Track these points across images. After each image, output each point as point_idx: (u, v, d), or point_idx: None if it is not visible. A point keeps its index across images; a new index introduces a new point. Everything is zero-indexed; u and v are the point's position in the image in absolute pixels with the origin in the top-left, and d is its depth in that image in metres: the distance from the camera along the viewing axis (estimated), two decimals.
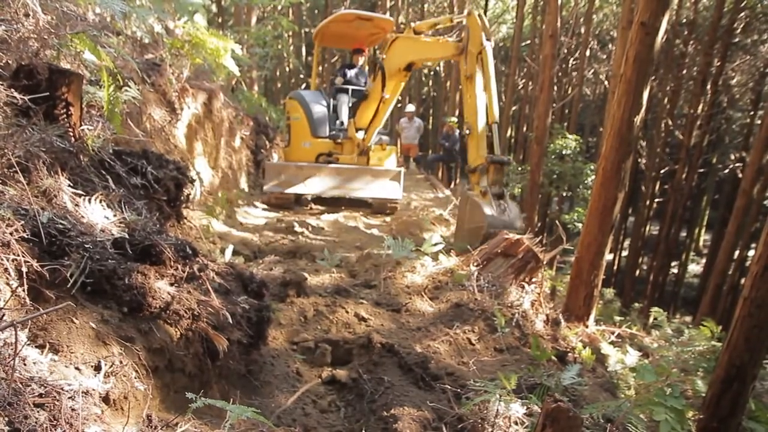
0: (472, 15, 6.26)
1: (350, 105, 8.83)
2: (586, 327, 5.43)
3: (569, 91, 20.05)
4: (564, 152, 13.30)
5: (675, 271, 20.60)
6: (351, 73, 9.44)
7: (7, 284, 1.65)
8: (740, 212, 11.19)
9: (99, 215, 2.40)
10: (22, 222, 1.83)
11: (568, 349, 3.98)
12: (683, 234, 21.08)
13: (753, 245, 13.61)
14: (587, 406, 2.56)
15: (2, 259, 1.66)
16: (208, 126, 7.36)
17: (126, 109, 4.33)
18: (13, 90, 2.48)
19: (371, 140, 8.56)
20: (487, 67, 6.01)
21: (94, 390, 1.55)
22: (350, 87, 9.07)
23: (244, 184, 9.06)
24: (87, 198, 2.48)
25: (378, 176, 8.17)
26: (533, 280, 4.71)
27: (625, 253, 20.68)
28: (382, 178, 8.16)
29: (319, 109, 8.87)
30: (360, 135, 8.53)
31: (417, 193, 11.38)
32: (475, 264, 4.59)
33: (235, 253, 5.14)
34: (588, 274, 5.50)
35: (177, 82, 6.07)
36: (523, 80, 21.33)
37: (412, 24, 7.81)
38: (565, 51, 19.55)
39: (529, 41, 21.70)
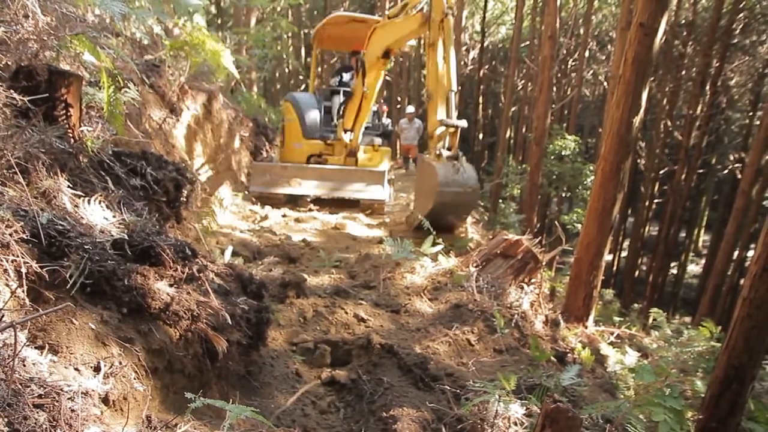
0: None
1: (340, 106, 8.86)
2: (586, 327, 5.43)
3: (568, 92, 20.06)
4: (563, 153, 13.32)
5: (674, 271, 20.60)
6: (347, 75, 9.47)
7: (7, 285, 1.65)
8: (739, 213, 11.20)
9: (98, 216, 2.40)
10: (22, 223, 1.84)
11: (568, 350, 3.98)
12: (682, 235, 21.09)
13: (752, 246, 13.62)
14: (586, 406, 2.56)
15: (2, 260, 1.66)
16: (208, 127, 7.37)
17: (126, 110, 4.32)
18: (12, 91, 2.48)
19: (359, 140, 8.56)
20: (448, 36, 6.16)
21: (93, 391, 1.55)
22: (342, 89, 9.13)
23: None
24: (86, 199, 2.48)
25: (360, 177, 8.20)
26: (532, 280, 4.72)
27: (624, 254, 20.68)
28: (364, 179, 8.17)
29: (311, 111, 8.99)
30: (348, 136, 8.54)
31: None
32: (475, 265, 4.59)
33: (234, 254, 5.13)
34: (587, 275, 5.51)
35: (176, 84, 6.07)
36: (522, 81, 21.33)
37: (386, 12, 7.80)
38: (564, 52, 19.59)
39: (528, 42, 21.70)
